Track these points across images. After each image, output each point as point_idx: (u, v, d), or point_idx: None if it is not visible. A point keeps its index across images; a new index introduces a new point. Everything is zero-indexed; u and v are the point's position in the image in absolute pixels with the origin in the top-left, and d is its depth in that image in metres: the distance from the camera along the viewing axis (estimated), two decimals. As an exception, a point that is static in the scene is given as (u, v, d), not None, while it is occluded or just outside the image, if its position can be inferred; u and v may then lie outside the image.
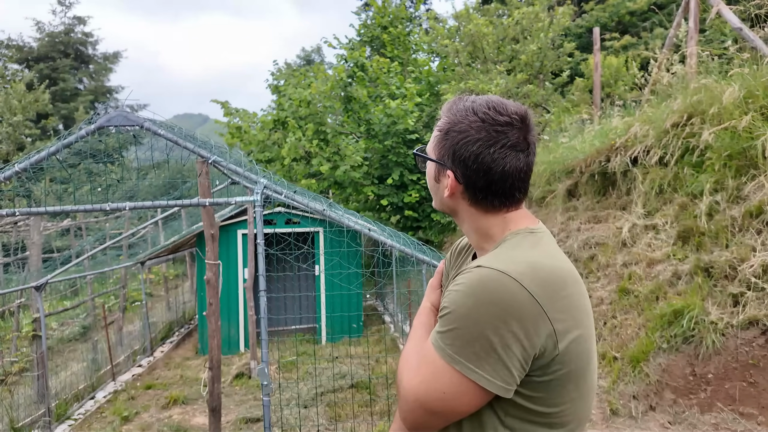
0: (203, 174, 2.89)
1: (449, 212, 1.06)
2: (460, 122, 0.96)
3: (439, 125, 1.00)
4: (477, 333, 0.84)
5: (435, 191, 1.05)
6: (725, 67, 4.97)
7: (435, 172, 1.02)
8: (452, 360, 0.86)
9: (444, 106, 1.02)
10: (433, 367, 0.88)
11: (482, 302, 0.84)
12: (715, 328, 3.29)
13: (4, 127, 17.16)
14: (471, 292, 0.85)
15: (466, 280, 0.88)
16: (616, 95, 8.34)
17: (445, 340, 0.87)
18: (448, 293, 0.90)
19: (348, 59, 10.61)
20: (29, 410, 4.80)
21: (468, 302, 0.85)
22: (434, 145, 1.00)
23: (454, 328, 0.86)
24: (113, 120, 2.57)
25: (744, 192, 3.82)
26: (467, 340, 0.85)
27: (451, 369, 0.86)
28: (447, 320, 0.87)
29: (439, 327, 0.89)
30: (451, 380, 0.87)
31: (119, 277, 8.84)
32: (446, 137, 0.97)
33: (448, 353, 0.86)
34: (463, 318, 0.85)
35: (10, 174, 2.55)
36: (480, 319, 0.84)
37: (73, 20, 25.16)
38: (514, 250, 0.92)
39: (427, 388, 0.89)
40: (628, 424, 3.34)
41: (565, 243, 5.45)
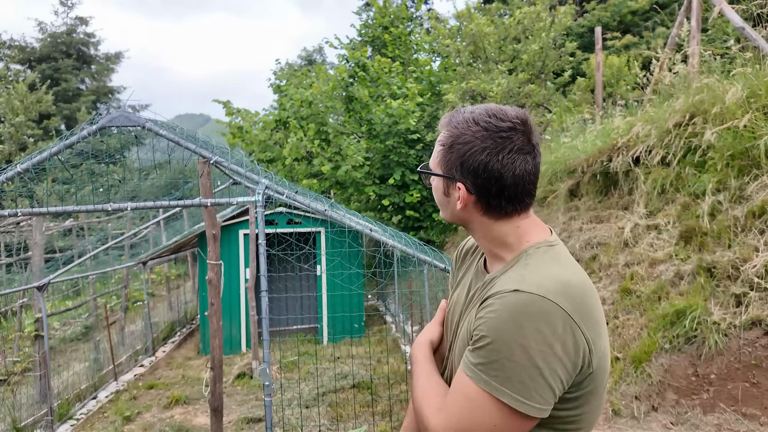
0: (205, 174, 2.89)
1: (461, 223, 1.05)
2: (463, 134, 0.96)
3: (441, 140, 1.01)
4: (524, 361, 0.83)
5: (445, 205, 1.04)
6: (728, 67, 4.95)
7: (444, 187, 1.02)
8: (499, 392, 0.84)
9: (442, 121, 1.03)
10: (475, 402, 0.86)
11: (527, 329, 0.83)
12: (717, 329, 3.28)
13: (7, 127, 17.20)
14: (513, 319, 0.84)
15: (504, 306, 0.86)
16: (618, 95, 8.33)
17: (489, 372, 0.85)
18: (484, 320, 0.87)
19: (349, 59, 10.61)
20: (31, 410, 4.81)
21: (511, 330, 0.83)
22: (439, 160, 1.01)
23: (500, 359, 0.84)
24: (115, 120, 2.57)
25: (747, 192, 3.81)
26: (514, 370, 0.83)
27: (497, 402, 0.84)
28: (489, 350, 0.85)
29: (478, 358, 0.86)
30: (500, 414, 0.85)
31: (121, 277, 8.86)
32: (451, 150, 0.97)
33: (494, 386, 0.84)
34: (507, 347, 0.83)
35: (13, 174, 2.55)
36: (526, 346, 0.82)
37: (75, 20, 25.23)
38: (542, 267, 0.91)
39: (469, 424, 0.86)
40: (630, 425, 3.33)
41: (567, 243, 5.44)
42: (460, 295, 1.11)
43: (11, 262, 10.56)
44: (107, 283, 11.29)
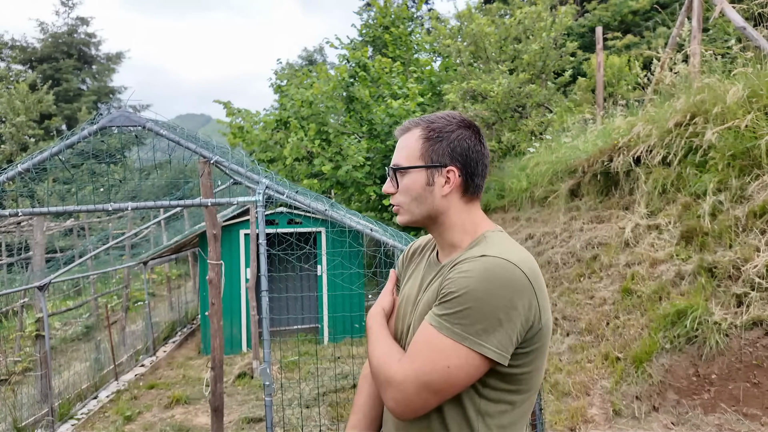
0: (205, 174, 2.89)
1: (430, 219, 1.14)
2: (446, 125, 1.12)
3: (421, 135, 1.12)
4: (488, 312, 0.95)
5: (425, 197, 1.12)
6: (729, 67, 4.95)
7: (428, 177, 1.11)
8: (460, 338, 0.95)
9: (410, 123, 1.16)
10: (436, 347, 0.96)
11: (495, 286, 0.95)
12: (718, 329, 3.27)
13: (8, 127, 17.23)
14: (484, 277, 0.96)
15: (474, 266, 0.98)
16: (619, 95, 8.32)
17: (453, 320, 0.96)
18: (453, 280, 0.99)
19: (350, 59, 10.60)
20: (32, 410, 4.81)
21: (481, 286, 0.95)
22: (422, 153, 1.11)
23: (465, 308, 0.95)
24: (115, 120, 2.58)
25: (748, 192, 3.80)
26: (477, 318, 0.95)
27: (457, 345, 0.95)
28: (456, 302, 0.96)
29: (443, 310, 0.97)
30: (458, 355, 0.96)
31: (122, 277, 8.87)
32: (439, 139, 1.11)
33: (455, 332, 0.95)
34: (476, 300, 0.95)
35: (14, 174, 2.55)
36: (492, 300, 0.95)
37: (76, 21, 25.25)
38: (502, 245, 1.05)
39: (432, 367, 0.96)
40: (631, 425, 3.33)
41: (568, 243, 5.44)
42: (411, 288, 1.19)
43: (12, 261, 10.57)
44: (108, 283, 11.30)
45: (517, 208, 7.20)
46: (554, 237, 5.73)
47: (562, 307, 4.77)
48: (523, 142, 8.27)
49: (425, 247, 1.28)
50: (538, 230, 6.12)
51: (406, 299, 1.18)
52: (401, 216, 1.15)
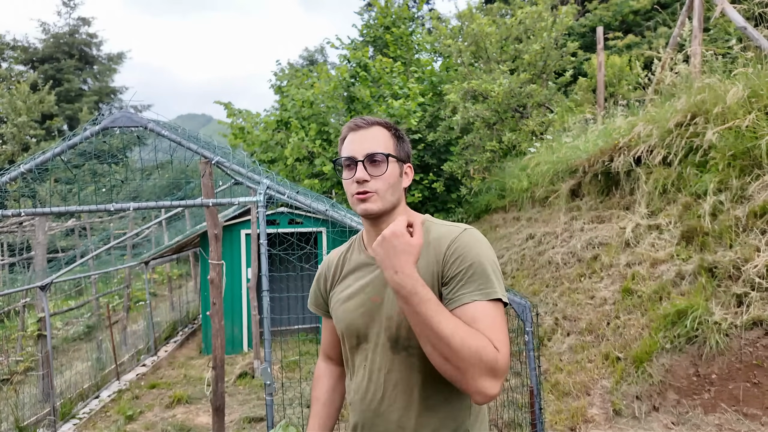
0: (206, 174, 2.90)
1: (394, 206, 1.24)
2: (399, 130, 1.29)
3: (389, 133, 1.25)
4: (496, 268, 1.15)
5: (396, 186, 1.23)
6: (729, 67, 4.95)
7: (400, 170, 1.25)
8: (498, 294, 1.11)
9: (367, 120, 1.25)
10: (496, 315, 1.09)
11: (487, 248, 1.17)
12: (718, 329, 3.28)
13: (9, 127, 17.26)
14: (479, 244, 1.16)
15: (466, 240, 1.16)
16: (620, 95, 8.32)
17: (487, 286, 1.11)
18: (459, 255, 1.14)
19: (351, 59, 10.61)
20: (34, 409, 4.83)
21: (483, 251, 1.15)
22: (395, 148, 1.24)
23: (487, 273, 1.12)
24: (117, 121, 2.59)
25: (748, 192, 3.80)
26: (496, 276, 1.14)
27: (500, 303, 1.12)
28: (479, 272, 1.12)
29: (473, 284, 1.11)
30: (502, 311, 1.12)
31: (123, 276, 8.88)
32: (403, 140, 1.28)
33: (494, 291, 1.11)
34: (488, 262, 1.14)
35: (16, 175, 2.57)
36: (493, 259, 1.16)
37: (78, 21, 25.29)
38: (448, 223, 1.26)
39: (503, 334, 1.08)
40: (631, 425, 3.33)
41: (569, 243, 5.44)
42: (357, 295, 1.26)
43: (14, 261, 10.60)
44: (109, 282, 11.32)
45: (517, 208, 7.20)
46: (555, 237, 5.73)
47: (562, 307, 4.78)
48: (524, 142, 8.27)
49: (340, 257, 1.37)
50: (538, 230, 6.13)
51: (356, 307, 1.25)
52: (373, 203, 1.19)
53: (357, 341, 1.26)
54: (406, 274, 1.04)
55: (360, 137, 1.22)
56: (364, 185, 1.18)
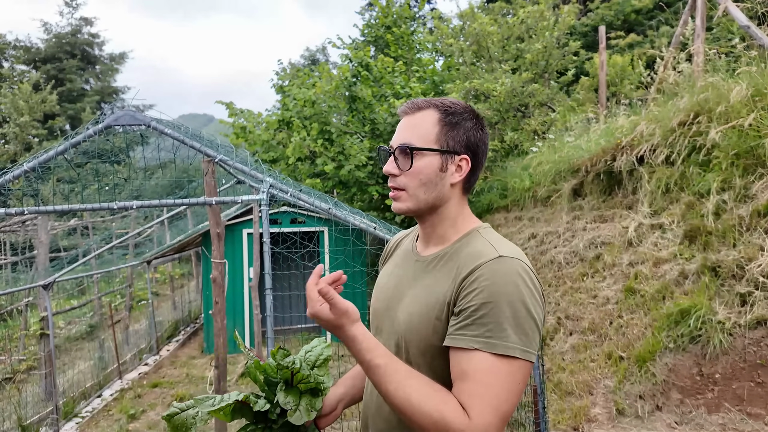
0: (209, 173, 2.90)
1: (433, 207, 1.07)
2: (463, 113, 1.06)
3: (439, 117, 1.04)
4: (525, 315, 0.91)
5: (436, 183, 1.05)
6: (733, 65, 4.93)
7: (442, 163, 1.05)
8: (514, 350, 0.89)
9: (421, 102, 1.07)
10: (499, 373, 0.88)
11: (521, 287, 0.92)
12: (722, 328, 3.27)
13: (12, 127, 17.30)
14: (509, 280, 0.92)
15: (495, 272, 0.93)
16: (622, 94, 8.30)
17: (500, 335, 0.89)
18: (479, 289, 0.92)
19: (352, 59, 10.61)
20: (37, 408, 4.84)
21: (510, 290, 0.91)
22: (437, 137, 1.04)
23: (505, 318, 0.90)
24: (120, 119, 2.59)
25: (752, 191, 3.79)
26: (519, 325, 0.90)
27: (514, 361, 0.89)
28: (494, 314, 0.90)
29: (481, 328, 0.90)
30: (519, 370, 0.90)
31: (125, 276, 8.90)
32: (457, 127, 1.05)
33: (509, 346, 0.89)
34: (511, 306, 0.90)
35: (19, 173, 2.57)
36: (524, 301, 0.91)
37: (80, 21, 25.33)
38: (501, 242, 1.02)
39: (508, 396, 0.88)
40: (634, 424, 3.33)
41: (571, 242, 5.43)
42: (387, 283, 1.16)
43: (17, 260, 10.62)
44: (112, 282, 11.34)
45: (519, 208, 7.19)
46: (557, 236, 5.72)
47: (565, 307, 4.77)
48: (526, 142, 8.26)
49: (401, 241, 1.27)
50: (540, 230, 6.12)
51: (383, 290, 1.16)
52: (402, 202, 1.06)
53: (375, 331, 1.16)
54: (343, 338, 0.94)
55: (404, 124, 1.07)
56: (393, 180, 1.07)
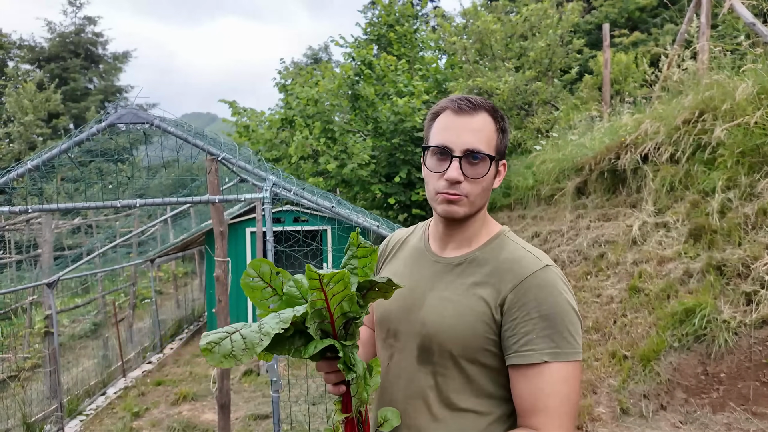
0: (213, 171, 2.90)
1: (479, 209, 1.07)
2: (504, 118, 1.08)
3: (494, 123, 1.05)
4: (576, 320, 0.97)
5: (487, 190, 1.06)
6: (738, 63, 4.90)
7: (496, 170, 1.07)
8: (574, 355, 0.95)
9: (474, 102, 1.03)
10: (572, 380, 0.95)
11: (569, 295, 0.98)
12: (727, 327, 3.25)
13: (16, 126, 17.37)
14: (560, 290, 0.98)
15: (547, 282, 0.98)
16: (626, 92, 8.26)
17: (562, 344, 0.94)
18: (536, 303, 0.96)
19: (355, 57, 10.60)
20: (42, 405, 4.86)
21: (563, 299, 0.97)
22: (496, 144, 1.05)
23: (564, 327, 0.95)
24: (124, 117, 2.59)
25: (757, 189, 3.77)
26: (575, 330, 0.97)
27: (574, 365, 0.95)
28: (555, 325, 0.95)
29: (546, 340, 0.94)
30: (576, 372, 0.96)
31: (129, 274, 8.93)
32: (506, 134, 1.08)
33: (570, 352, 0.95)
34: (566, 314, 0.96)
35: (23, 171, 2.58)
36: (574, 307, 0.98)
37: (84, 20, 25.39)
38: (531, 247, 1.07)
39: (577, 399, 0.96)
40: (638, 423, 3.31)
41: (575, 241, 5.41)
42: (399, 277, 1.13)
43: (21, 259, 10.67)
44: (115, 280, 11.38)
45: (523, 206, 7.17)
46: (561, 235, 5.71)
47: (568, 306, 4.75)
48: (530, 140, 8.24)
49: (403, 240, 1.23)
50: (544, 228, 6.10)
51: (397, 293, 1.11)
52: (461, 207, 1.02)
53: (386, 335, 1.13)
54: None
55: (462, 124, 1.01)
56: (456, 187, 1.01)
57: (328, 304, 0.88)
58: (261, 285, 0.96)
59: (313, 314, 0.89)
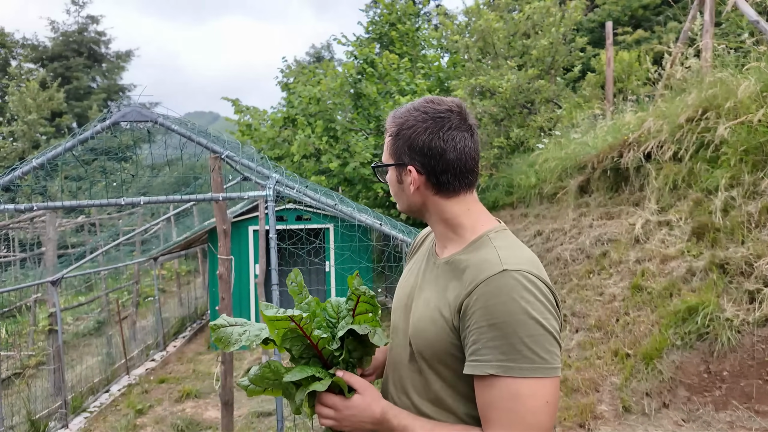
0: (216, 169, 2.91)
1: (417, 211, 1.11)
2: (406, 121, 1.04)
3: (388, 132, 1.08)
4: (540, 331, 0.88)
5: (400, 194, 1.10)
6: (741, 61, 4.88)
7: (396, 175, 1.08)
8: (536, 371, 0.87)
9: (387, 118, 1.10)
10: (522, 396, 0.87)
11: (529, 301, 0.89)
12: (730, 326, 3.24)
13: (20, 125, 17.43)
14: (515, 297, 0.89)
15: (500, 288, 0.90)
16: (629, 90, 8.24)
17: (515, 358, 0.87)
18: (483, 309, 0.90)
19: (357, 56, 10.60)
20: (46, 403, 4.89)
21: (518, 307, 0.88)
22: (390, 152, 1.08)
23: (517, 339, 0.87)
24: (127, 116, 2.60)
25: (761, 187, 3.76)
26: (536, 342, 0.87)
27: (538, 381, 0.87)
28: (504, 335, 0.87)
29: (494, 351, 0.88)
30: (544, 389, 0.87)
31: (132, 272, 8.96)
32: (398, 138, 1.05)
33: (528, 368, 0.87)
34: (522, 324, 0.87)
35: (28, 169, 2.59)
36: (535, 317, 0.88)
37: (87, 19, 25.45)
38: (511, 249, 0.99)
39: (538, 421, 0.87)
40: (641, 422, 3.31)
41: (577, 239, 5.41)
42: (407, 280, 1.18)
43: (25, 257, 10.73)
44: (119, 278, 11.42)
45: (525, 205, 7.16)
46: (563, 233, 5.70)
47: (571, 304, 4.75)
48: (532, 138, 8.22)
49: (426, 237, 1.26)
50: (546, 227, 6.10)
51: (401, 289, 1.18)
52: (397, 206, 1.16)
53: (392, 328, 1.19)
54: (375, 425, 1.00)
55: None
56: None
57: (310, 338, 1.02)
58: (296, 290, 1.13)
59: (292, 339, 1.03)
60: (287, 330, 1.00)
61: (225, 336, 1.05)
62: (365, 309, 1.06)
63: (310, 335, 1.00)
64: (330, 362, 1.04)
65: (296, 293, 1.13)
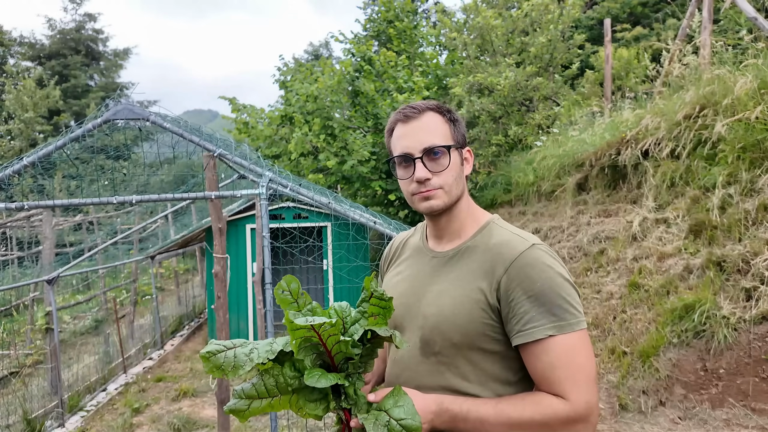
0: (210, 167, 2.90)
1: (458, 198, 1.12)
2: (452, 110, 1.16)
3: (441, 117, 1.13)
4: (571, 289, 1.01)
5: (460, 180, 1.13)
6: (739, 58, 4.87)
7: (461, 157, 1.14)
8: (580, 324, 0.99)
9: (418, 106, 1.12)
10: (576, 349, 0.97)
11: (559, 267, 1.02)
12: (727, 323, 3.24)
13: (17, 123, 17.38)
14: (549, 265, 1.01)
15: (535, 260, 1.01)
16: (628, 87, 8.22)
17: (563, 315, 0.98)
18: (529, 281, 0.99)
19: (355, 53, 10.56)
20: (43, 401, 4.88)
21: (553, 273, 1.01)
22: (452, 134, 1.12)
23: (560, 299, 0.99)
24: (120, 113, 2.58)
25: (758, 185, 3.75)
26: (572, 299, 1.00)
27: (582, 333, 0.99)
28: (550, 299, 0.98)
29: (546, 314, 0.98)
30: (586, 339, 1.00)
31: (130, 271, 8.95)
32: (457, 122, 1.15)
33: (573, 322, 0.98)
34: (559, 286, 1.00)
35: (19, 168, 2.57)
36: (566, 277, 1.02)
37: (84, 17, 25.35)
38: (520, 230, 1.12)
39: (590, 365, 0.98)
40: (637, 419, 3.31)
41: (575, 237, 5.40)
42: (402, 281, 1.19)
43: (23, 256, 10.71)
44: (116, 277, 11.41)
45: (523, 203, 7.15)
46: (561, 231, 5.69)
47: (568, 302, 4.75)
48: (530, 136, 8.21)
49: (404, 242, 1.29)
50: (544, 224, 6.09)
51: (397, 291, 1.16)
52: (438, 199, 1.09)
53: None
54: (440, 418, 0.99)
55: (412, 129, 1.09)
56: (426, 184, 1.08)
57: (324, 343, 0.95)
58: (289, 299, 1.04)
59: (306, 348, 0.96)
60: (302, 339, 0.94)
61: (227, 361, 0.94)
62: (376, 311, 1.03)
63: (326, 341, 0.94)
64: (340, 368, 0.99)
65: (288, 302, 1.03)
